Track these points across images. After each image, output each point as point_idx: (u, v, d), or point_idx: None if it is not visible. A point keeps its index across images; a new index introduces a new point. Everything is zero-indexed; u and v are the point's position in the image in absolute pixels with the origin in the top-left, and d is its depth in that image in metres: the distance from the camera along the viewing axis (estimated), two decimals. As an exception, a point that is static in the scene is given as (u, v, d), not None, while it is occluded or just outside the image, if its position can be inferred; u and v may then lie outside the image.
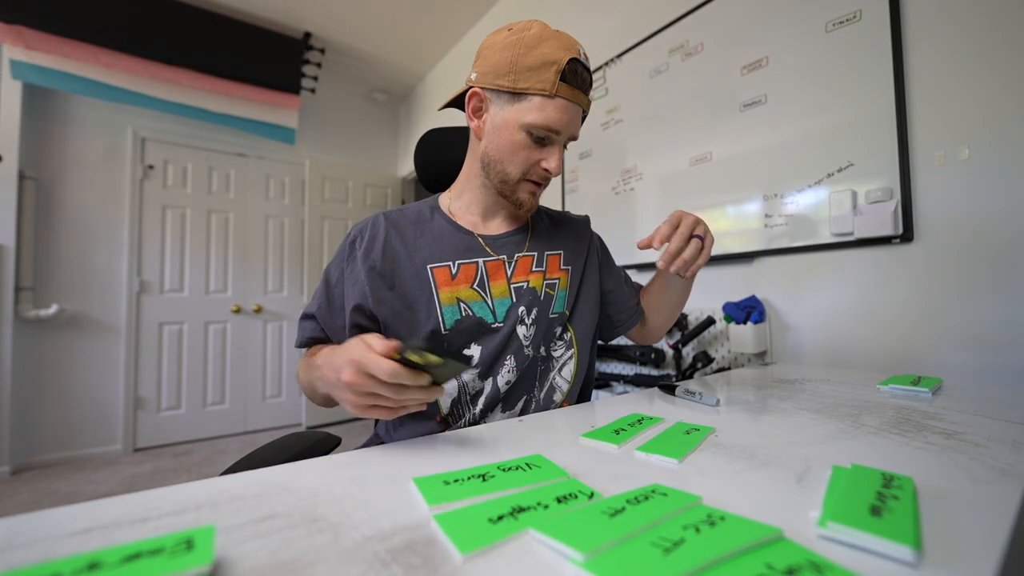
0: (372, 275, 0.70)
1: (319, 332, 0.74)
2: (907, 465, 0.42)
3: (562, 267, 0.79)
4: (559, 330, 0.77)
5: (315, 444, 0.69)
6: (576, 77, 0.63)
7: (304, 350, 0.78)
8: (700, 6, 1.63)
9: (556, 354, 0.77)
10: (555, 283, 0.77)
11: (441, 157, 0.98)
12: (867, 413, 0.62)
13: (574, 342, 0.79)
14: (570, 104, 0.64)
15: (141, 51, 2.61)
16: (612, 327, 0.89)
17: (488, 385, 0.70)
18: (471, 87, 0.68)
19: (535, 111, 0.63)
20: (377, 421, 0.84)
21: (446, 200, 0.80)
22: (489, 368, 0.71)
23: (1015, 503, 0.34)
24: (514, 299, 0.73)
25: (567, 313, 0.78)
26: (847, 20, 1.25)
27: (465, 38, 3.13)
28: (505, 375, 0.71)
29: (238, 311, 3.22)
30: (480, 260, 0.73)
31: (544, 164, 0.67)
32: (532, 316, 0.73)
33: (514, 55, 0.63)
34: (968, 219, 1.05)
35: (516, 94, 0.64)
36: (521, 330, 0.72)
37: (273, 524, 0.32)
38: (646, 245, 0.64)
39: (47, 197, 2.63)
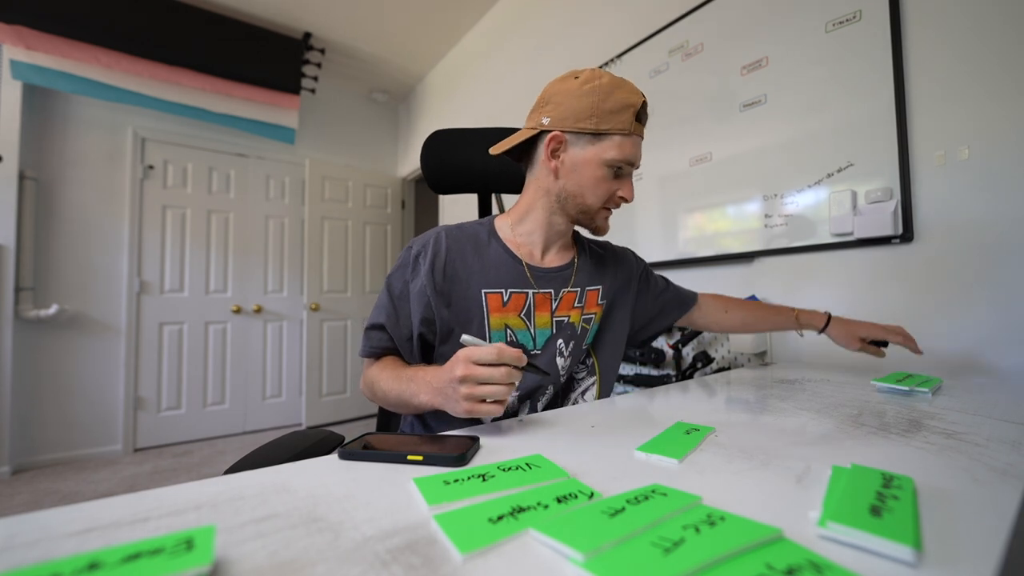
0: (435, 291, 0.74)
1: (389, 342, 0.76)
2: (907, 465, 0.42)
3: (599, 302, 0.84)
4: (583, 356, 0.83)
5: (315, 444, 0.69)
6: (645, 116, 0.73)
7: (366, 360, 0.80)
8: (700, 6, 1.63)
9: (578, 376, 0.82)
10: (591, 317, 0.82)
11: (449, 159, 0.98)
12: (867, 413, 0.62)
13: (596, 369, 0.84)
14: (639, 140, 0.73)
15: (141, 51, 2.60)
16: (664, 321, 0.97)
17: (527, 407, 0.77)
18: (544, 130, 0.73)
19: (615, 148, 0.70)
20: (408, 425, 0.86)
21: (504, 225, 0.83)
22: (530, 393, 0.76)
23: (1015, 503, 0.34)
24: (554, 331, 0.78)
25: (591, 345, 0.84)
26: (847, 20, 1.25)
27: (465, 38, 3.12)
28: (544, 400, 0.78)
29: (238, 311, 3.22)
30: (530, 292, 0.78)
31: (621, 193, 0.74)
32: (569, 348, 0.79)
33: (594, 101, 0.69)
34: (968, 219, 1.05)
35: (598, 135, 0.70)
36: (560, 361, 0.78)
37: (273, 524, 0.32)
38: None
39: (47, 197, 2.63)
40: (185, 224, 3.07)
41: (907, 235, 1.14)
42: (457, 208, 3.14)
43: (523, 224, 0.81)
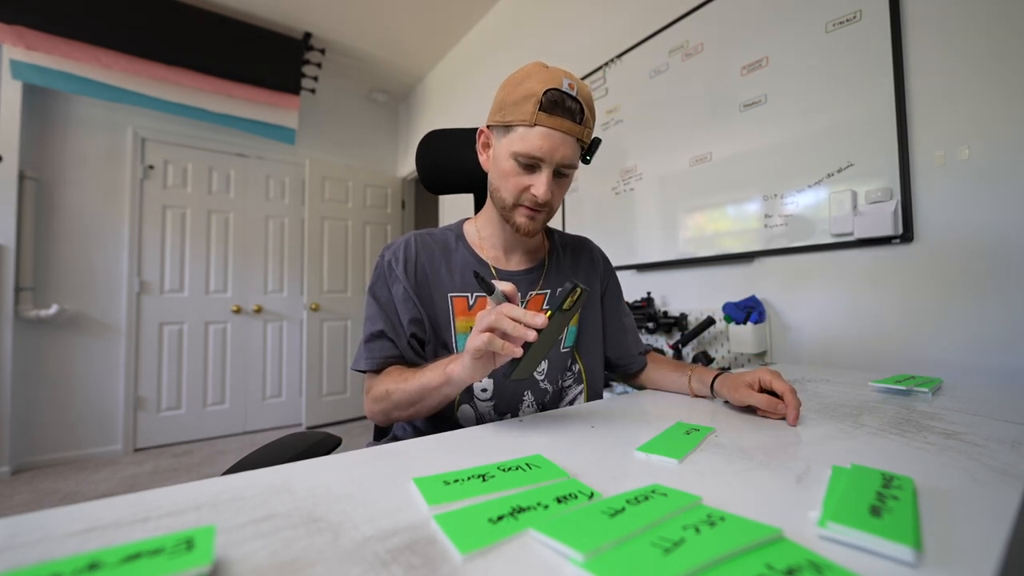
0: (414, 293, 0.74)
1: (393, 349, 0.74)
2: (907, 465, 0.42)
3: None
4: (568, 361, 0.81)
5: (315, 444, 0.70)
6: (557, 106, 0.65)
7: (367, 378, 0.75)
8: (700, 6, 1.63)
9: (566, 384, 0.81)
10: None
11: (443, 159, 0.98)
12: (867, 413, 0.62)
13: (583, 375, 0.82)
14: (552, 132, 0.66)
15: (141, 51, 2.60)
16: (610, 367, 0.91)
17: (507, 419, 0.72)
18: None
19: (518, 140, 0.67)
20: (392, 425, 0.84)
21: (472, 228, 0.83)
22: (508, 402, 0.74)
23: (1015, 503, 0.34)
24: None
25: (573, 346, 0.82)
26: (847, 20, 1.25)
27: (465, 38, 3.12)
28: (526, 410, 0.76)
29: (238, 311, 3.22)
30: None
31: (532, 190, 0.69)
32: None
33: (505, 94, 0.69)
34: (968, 219, 1.05)
35: (506, 127, 0.69)
36: None
37: (273, 524, 0.32)
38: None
39: (47, 197, 2.63)
40: (185, 224, 3.07)
41: (907, 235, 1.14)
42: (457, 208, 3.14)
43: (485, 227, 0.81)
